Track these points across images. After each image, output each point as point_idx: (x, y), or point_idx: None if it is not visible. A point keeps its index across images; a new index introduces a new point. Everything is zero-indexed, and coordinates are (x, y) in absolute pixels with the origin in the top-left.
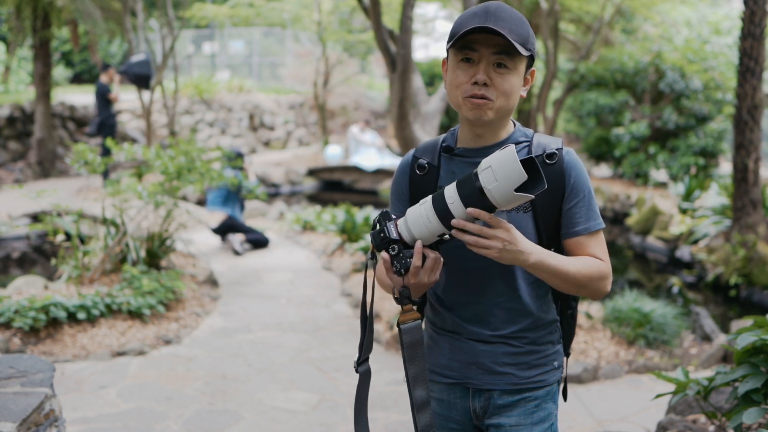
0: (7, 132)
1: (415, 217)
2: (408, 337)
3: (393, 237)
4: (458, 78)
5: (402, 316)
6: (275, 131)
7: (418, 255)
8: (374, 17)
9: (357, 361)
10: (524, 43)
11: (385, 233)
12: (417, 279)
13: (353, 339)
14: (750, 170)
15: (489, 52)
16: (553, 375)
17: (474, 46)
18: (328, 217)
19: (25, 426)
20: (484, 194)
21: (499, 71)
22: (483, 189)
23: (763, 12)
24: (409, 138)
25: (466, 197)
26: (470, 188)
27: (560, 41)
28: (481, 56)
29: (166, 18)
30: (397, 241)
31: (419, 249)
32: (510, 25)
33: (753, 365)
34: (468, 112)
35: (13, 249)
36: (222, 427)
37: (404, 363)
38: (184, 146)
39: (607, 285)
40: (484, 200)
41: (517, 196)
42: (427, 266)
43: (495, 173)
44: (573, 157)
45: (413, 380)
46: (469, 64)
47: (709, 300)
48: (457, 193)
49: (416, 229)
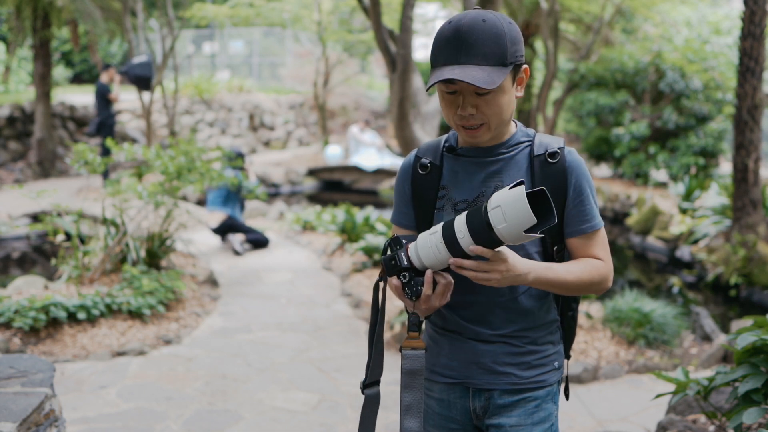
0: (7, 132)
1: (426, 246)
2: (408, 364)
3: (404, 265)
4: (447, 107)
5: (406, 341)
6: (275, 131)
7: (428, 284)
8: (374, 17)
9: (363, 382)
10: (502, 61)
11: (397, 261)
12: (428, 305)
13: (353, 339)
14: (750, 170)
15: (467, 85)
16: (553, 375)
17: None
18: (328, 217)
19: (25, 426)
20: (492, 230)
21: (483, 98)
22: (492, 227)
23: (763, 12)
24: (409, 138)
25: (475, 232)
26: (479, 224)
27: (560, 41)
28: (461, 88)
29: (166, 18)
30: (408, 269)
31: (429, 279)
32: (483, 50)
33: (753, 365)
34: (465, 137)
35: (13, 249)
36: (222, 427)
37: (401, 390)
38: (184, 146)
39: (608, 283)
40: (492, 235)
41: (525, 236)
42: (437, 292)
43: (504, 214)
44: (575, 157)
45: (406, 409)
46: (453, 95)
47: (709, 300)
48: (466, 228)
49: (426, 258)
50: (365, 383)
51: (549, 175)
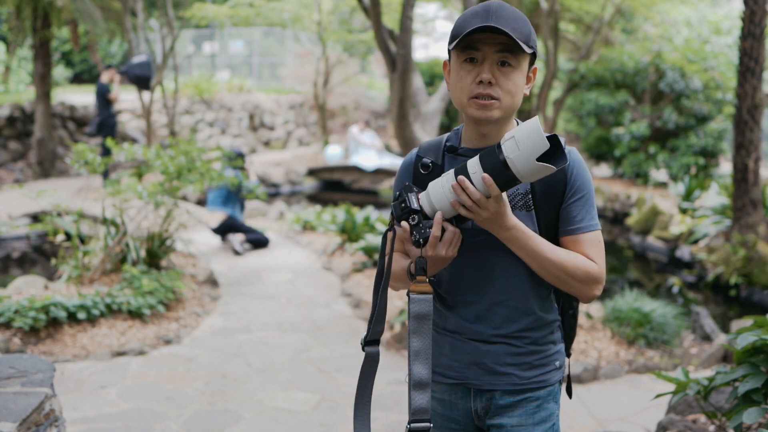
0: (7, 132)
1: (437, 188)
2: (416, 308)
3: (414, 207)
4: (462, 79)
5: (414, 286)
6: (275, 131)
7: (437, 225)
8: (374, 17)
9: (364, 338)
10: (527, 41)
11: (406, 203)
12: (435, 251)
13: (353, 339)
14: (750, 170)
15: (492, 51)
16: (554, 375)
17: (477, 45)
18: (328, 217)
19: (26, 426)
20: (507, 166)
21: (503, 70)
22: (506, 160)
23: (763, 12)
24: (409, 138)
25: (489, 169)
26: (493, 160)
27: (560, 41)
28: (485, 55)
29: (166, 18)
30: (417, 212)
31: (439, 219)
32: (512, 24)
33: (753, 365)
34: (474, 112)
35: (13, 249)
36: (222, 427)
37: (408, 336)
38: (184, 146)
39: (595, 288)
40: (507, 172)
41: (539, 166)
42: (446, 238)
43: (518, 142)
44: (576, 156)
45: (415, 355)
46: (472, 64)
47: (709, 300)
48: (479, 165)
49: (437, 200)
50: (366, 339)
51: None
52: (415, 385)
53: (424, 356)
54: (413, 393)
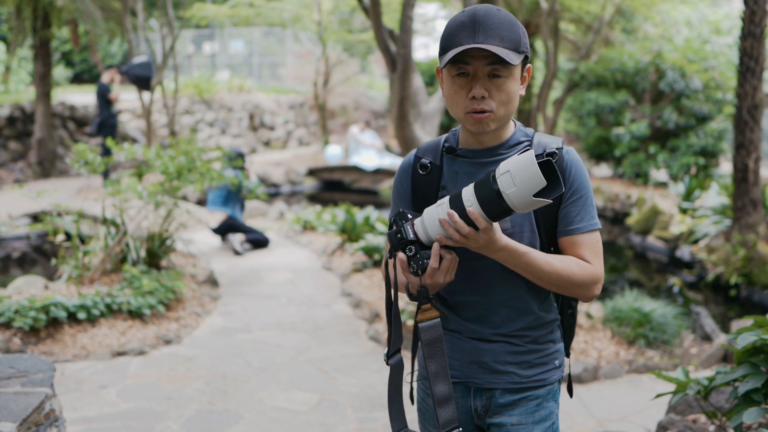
0: (7, 132)
1: (432, 218)
2: (427, 335)
3: (410, 238)
4: (456, 93)
5: (420, 315)
6: (275, 131)
7: (435, 257)
8: (374, 17)
9: (387, 353)
10: (516, 48)
11: (402, 234)
12: (433, 280)
13: (353, 339)
14: (750, 170)
15: (482, 64)
16: (554, 374)
17: (466, 59)
18: (328, 217)
19: (26, 426)
20: (502, 198)
21: (495, 81)
22: (501, 193)
23: (763, 12)
24: (409, 138)
25: (484, 200)
26: (488, 191)
27: (560, 41)
28: (475, 69)
29: (166, 18)
30: (414, 242)
31: (436, 251)
32: (500, 33)
33: (753, 365)
34: (471, 126)
35: (13, 249)
36: (222, 427)
37: (424, 360)
38: (185, 146)
39: (594, 289)
40: (502, 203)
41: (535, 201)
42: (443, 267)
43: (513, 178)
44: (574, 157)
45: (434, 376)
46: (464, 78)
47: (710, 300)
48: (474, 196)
49: (433, 230)
50: (388, 354)
51: None
52: (439, 402)
53: (442, 375)
54: (439, 409)
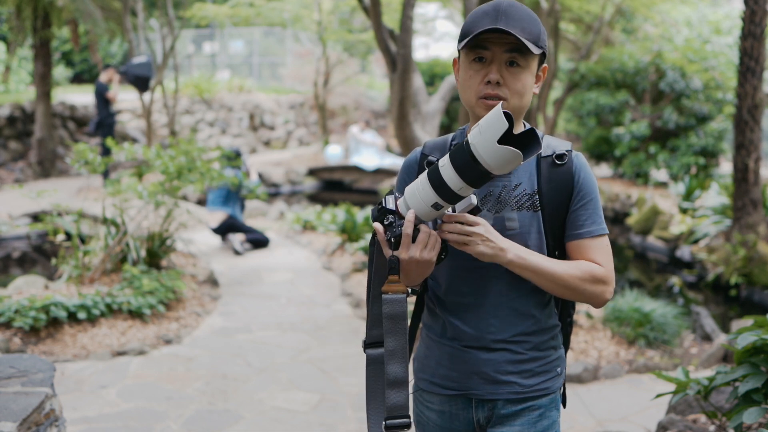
0: (7, 132)
1: (412, 189)
2: (389, 308)
3: (389, 207)
4: (471, 78)
5: (386, 285)
6: (275, 131)
7: (408, 223)
8: (374, 17)
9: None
10: (536, 41)
11: (382, 204)
12: (408, 252)
13: (353, 339)
14: (750, 170)
15: (501, 51)
16: (556, 382)
17: (486, 44)
18: (328, 217)
19: (26, 426)
20: (475, 159)
21: (511, 70)
22: (472, 149)
23: (763, 12)
24: (409, 138)
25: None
26: (462, 156)
27: (560, 41)
28: (494, 55)
29: (166, 18)
30: (393, 212)
31: (411, 218)
32: (521, 24)
33: (753, 365)
34: (482, 112)
35: (13, 249)
36: (222, 427)
37: (383, 335)
38: (185, 146)
39: (606, 291)
40: (477, 166)
41: (502, 150)
42: (419, 239)
43: (480, 129)
44: (582, 161)
45: (390, 354)
46: (481, 63)
47: (710, 300)
48: (448, 158)
49: (411, 200)
50: (366, 342)
51: (555, 177)
52: (390, 384)
53: (400, 355)
54: (389, 391)
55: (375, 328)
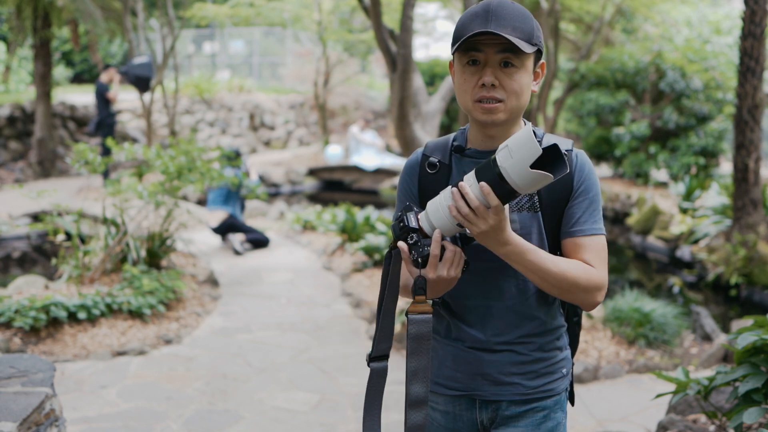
0: (7, 132)
1: (435, 206)
2: (414, 329)
3: (412, 226)
4: (466, 82)
5: (412, 306)
6: (275, 131)
7: (436, 243)
8: (374, 17)
9: (369, 355)
10: (529, 39)
11: (405, 222)
12: (436, 272)
13: (353, 339)
14: (750, 170)
15: (493, 52)
16: (561, 383)
17: (478, 47)
18: (328, 217)
19: (26, 425)
20: (503, 178)
21: (506, 70)
22: (501, 171)
23: (763, 12)
24: (409, 138)
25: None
26: (489, 174)
27: (560, 41)
28: (487, 57)
29: (166, 18)
30: (416, 230)
31: (437, 238)
32: (512, 23)
33: (753, 365)
34: (479, 115)
35: (13, 249)
36: (222, 427)
37: (406, 355)
38: (185, 146)
39: (598, 295)
40: (504, 185)
41: (534, 174)
42: (446, 258)
43: (510, 151)
44: (584, 159)
45: (412, 374)
46: (475, 66)
47: (710, 300)
48: (475, 179)
49: (435, 218)
50: (371, 356)
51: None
52: (411, 404)
53: (422, 375)
54: (409, 411)
55: (384, 342)
